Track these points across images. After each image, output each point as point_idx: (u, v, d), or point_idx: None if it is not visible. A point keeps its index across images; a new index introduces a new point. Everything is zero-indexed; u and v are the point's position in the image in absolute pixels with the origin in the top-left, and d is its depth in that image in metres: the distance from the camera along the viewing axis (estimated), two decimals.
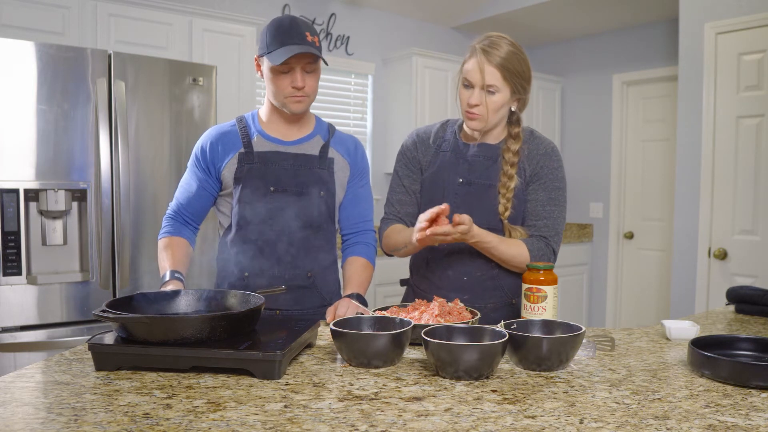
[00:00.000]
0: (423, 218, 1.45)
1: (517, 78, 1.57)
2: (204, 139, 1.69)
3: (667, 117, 4.60)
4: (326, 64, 1.62)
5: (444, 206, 1.44)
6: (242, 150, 1.64)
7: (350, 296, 1.61)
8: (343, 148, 1.74)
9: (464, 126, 1.70)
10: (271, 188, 1.63)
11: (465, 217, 1.46)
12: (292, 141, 1.69)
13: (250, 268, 1.64)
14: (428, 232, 1.45)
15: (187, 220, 1.72)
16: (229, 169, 1.64)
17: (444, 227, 1.44)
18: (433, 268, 1.70)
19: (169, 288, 1.47)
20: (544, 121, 5.12)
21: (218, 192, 1.70)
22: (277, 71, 1.57)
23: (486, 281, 1.64)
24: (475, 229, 1.51)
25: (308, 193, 1.65)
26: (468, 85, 1.58)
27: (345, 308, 1.51)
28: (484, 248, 1.58)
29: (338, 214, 1.76)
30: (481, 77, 1.54)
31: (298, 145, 1.69)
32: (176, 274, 1.56)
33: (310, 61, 1.58)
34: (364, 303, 1.61)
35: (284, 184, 1.64)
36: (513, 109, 1.63)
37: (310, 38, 1.57)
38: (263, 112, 1.71)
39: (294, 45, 1.54)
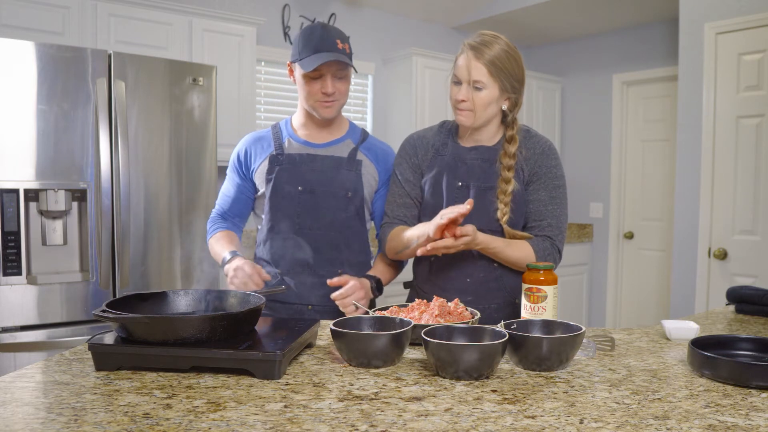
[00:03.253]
0: (431, 229, 1.46)
1: (506, 76, 1.56)
2: (241, 144, 1.79)
3: (667, 117, 4.60)
4: (356, 71, 1.69)
5: (463, 209, 1.42)
6: (273, 152, 1.72)
7: (369, 278, 1.65)
8: (372, 154, 1.78)
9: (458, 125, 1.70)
10: (299, 188, 1.68)
11: (468, 228, 1.45)
12: (322, 144, 1.75)
13: (283, 267, 1.71)
14: (429, 247, 1.45)
15: (229, 218, 1.82)
16: (260, 170, 1.73)
17: (445, 241, 1.44)
18: (436, 271, 1.69)
19: (235, 263, 1.56)
20: (544, 121, 5.12)
21: (254, 193, 1.79)
22: (309, 77, 1.63)
23: (490, 282, 1.64)
24: (480, 236, 1.51)
25: (336, 194, 1.70)
26: (457, 81, 1.59)
27: (352, 290, 1.55)
28: (490, 253, 1.58)
29: (374, 212, 1.81)
30: (468, 73, 1.55)
31: (327, 147, 1.74)
32: (236, 253, 1.64)
33: (341, 67, 1.63)
34: (380, 289, 1.68)
35: (312, 185, 1.69)
36: (504, 108, 1.61)
37: (340, 45, 1.62)
38: (296, 117, 1.79)
39: (325, 52, 1.60)
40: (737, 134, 3.26)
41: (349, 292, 1.55)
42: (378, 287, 1.67)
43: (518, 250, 1.58)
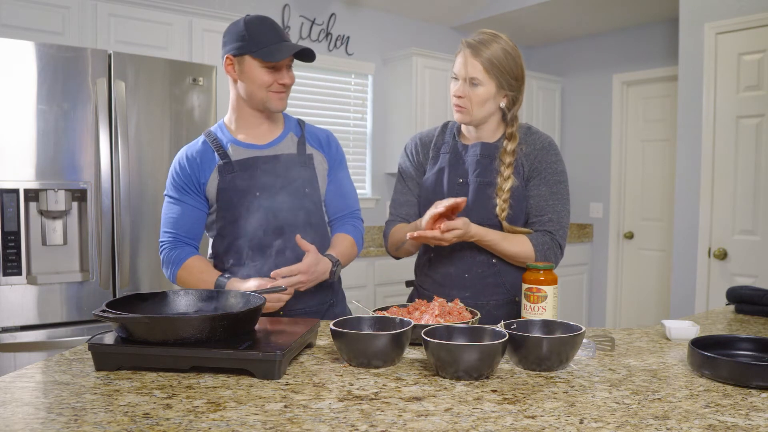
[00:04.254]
0: (424, 220, 1.47)
1: (503, 73, 1.58)
2: (180, 158, 1.66)
3: (667, 117, 4.60)
4: (311, 61, 1.63)
5: (460, 200, 1.45)
6: (220, 162, 1.63)
7: (331, 259, 1.60)
8: (317, 143, 1.74)
9: (460, 124, 1.72)
10: (257, 193, 1.62)
11: (457, 222, 1.46)
12: (267, 144, 1.68)
13: (248, 274, 1.62)
14: (416, 234, 1.46)
15: (186, 242, 1.66)
16: (212, 183, 1.63)
17: (433, 232, 1.45)
18: (435, 267, 1.70)
19: (245, 285, 1.49)
20: (544, 121, 5.12)
21: (207, 209, 1.67)
22: (267, 68, 1.58)
23: (488, 278, 1.64)
24: (473, 228, 1.52)
25: (294, 193, 1.65)
26: (455, 78, 1.62)
27: (311, 265, 1.50)
28: (485, 245, 1.59)
29: (325, 206, 1.75)
30: (465, 70, 1.58)
31: (274, 146, 1.68)
32: (226, 275, 1.56)
33: (292, 59, 1.62)
34: (337, 266, 1.61)
35: (269, 188, 1.63)
36: (502, 105, 1.63)
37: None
38: (230, 120, 1.70)
39: (289, 42, 1.58)
40: (737, 134, 3.26)
41: (310, 270, 1.51)
42: (336, 269, 1.62)
43: (516, 244, 1.58)
